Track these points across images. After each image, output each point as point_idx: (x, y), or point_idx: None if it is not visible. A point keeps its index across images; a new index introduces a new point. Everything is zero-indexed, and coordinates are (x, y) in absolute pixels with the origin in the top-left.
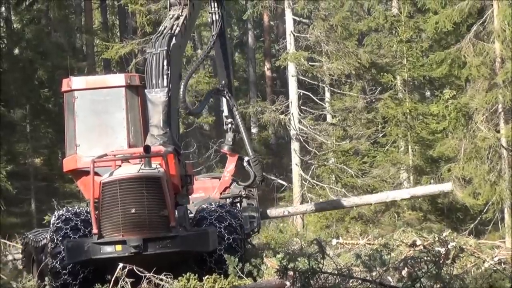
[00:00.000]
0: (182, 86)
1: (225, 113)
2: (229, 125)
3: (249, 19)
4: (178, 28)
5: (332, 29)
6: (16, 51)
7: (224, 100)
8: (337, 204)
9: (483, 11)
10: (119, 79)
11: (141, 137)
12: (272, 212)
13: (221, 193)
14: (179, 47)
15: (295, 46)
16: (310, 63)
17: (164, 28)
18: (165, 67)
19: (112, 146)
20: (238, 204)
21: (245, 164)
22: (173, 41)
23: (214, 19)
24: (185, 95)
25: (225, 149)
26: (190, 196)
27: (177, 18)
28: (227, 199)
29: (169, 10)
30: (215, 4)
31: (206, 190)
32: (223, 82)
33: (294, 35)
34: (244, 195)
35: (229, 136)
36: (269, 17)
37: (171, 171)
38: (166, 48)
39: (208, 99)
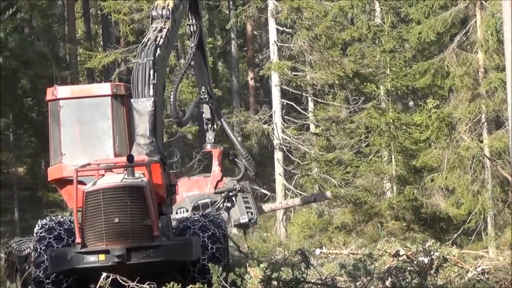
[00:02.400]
0: (172, 98)
1: (207, 115)
2: (209, 125)
3: (232, 29)
4: (162, 40)
5: (316, 38)
6: None
7: (206, 107)
8: None
9: (466, 21)
10: (105, 88)
11: (126, 146)
12: (266, 206)
13: (215, 188)
14: (163, 58)
15: (278, 55)
16: (293, 72)
17: (148, 40)
18: (151, 77)
19: (98, 155)
20: (234, 198)
21: (231, 157)
22: (158, 51)
23: (192, 30)
24: (176, 106)
25: (208, 147)
26: (186, 194)
27: (160, 30)
28: (222, 193)
29: (151, 22)
30: (192, 16)
31: (200, 188)
32: (203, 90)
33: (277, 45)
34: (239, 189)
35: (210, 135)
36: (253, 26)
37: (156, 180)
38: (152, 58)
39: (193, 109)
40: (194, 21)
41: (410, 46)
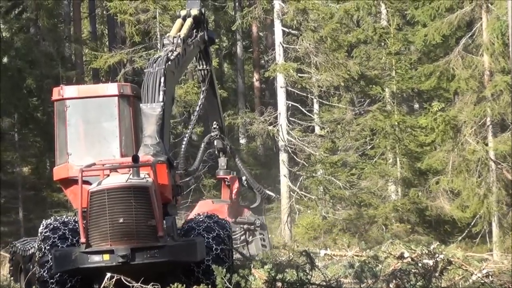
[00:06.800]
0: (182, 150)
1: (219, 145)
2: (221, 153)
3: (238, 30)
4: (172, 56)
5: (322, 40)
6: (5, 60)
7: (217, 141)
8: None
9: (472, 24)
10: (112, 88)
11: (132, 146)
12: None
13: (234, 217)
14: (173, 73)
15: (284, 57)
16: (299, 74)
17: (159, 56)
18: (162, 84)
19: (104, 155)
20: (253, 232)
21: (244, 183)
22: (169, 63)
23: (203, 75)
24: (184, 159)
25: (221, 174)
26: None
27: (171, 51)
28: (242, 225)
29: (162, 47)
30: (203, 61)
31: (221, 214)
32: (215, 125)
33: (283, 46)
34: (258, 225)
35: (222, 161)
36: (258, 28)
37: (162, 181)
38: (163, 67)
39: (202, 155)
40: (205, 66)
41: (416, 49)
